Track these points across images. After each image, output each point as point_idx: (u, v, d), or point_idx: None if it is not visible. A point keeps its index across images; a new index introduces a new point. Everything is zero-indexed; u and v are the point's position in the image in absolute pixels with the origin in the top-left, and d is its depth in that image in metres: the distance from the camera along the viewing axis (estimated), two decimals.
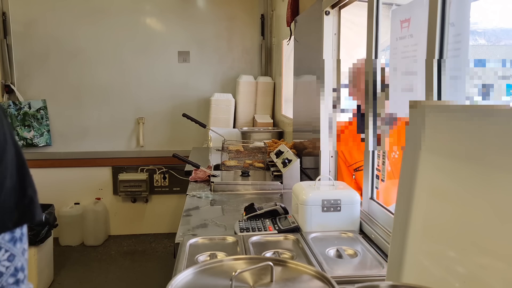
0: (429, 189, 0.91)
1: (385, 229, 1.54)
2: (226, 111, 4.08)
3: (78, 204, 4.40)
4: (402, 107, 1.45)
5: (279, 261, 0.83)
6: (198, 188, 2.42)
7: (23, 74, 4.21)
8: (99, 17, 4.29)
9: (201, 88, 4.49)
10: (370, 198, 1.75)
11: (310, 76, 2.41)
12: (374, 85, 1.64)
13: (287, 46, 3.44)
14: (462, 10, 1.14)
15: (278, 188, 2.39)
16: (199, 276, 0.79)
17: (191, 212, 2.02)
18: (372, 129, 1.68)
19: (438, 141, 0.89)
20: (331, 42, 2.16)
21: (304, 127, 2.59)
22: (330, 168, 2.21)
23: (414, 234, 0.94)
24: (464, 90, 1.15)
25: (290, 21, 2.88)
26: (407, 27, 1.39)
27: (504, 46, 1.52)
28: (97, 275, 3.75)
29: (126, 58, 4.37)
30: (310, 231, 1.61)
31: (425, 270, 0.90)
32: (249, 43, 4.51)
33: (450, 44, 1.16)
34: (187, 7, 4.41)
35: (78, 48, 4.28)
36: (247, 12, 4.48)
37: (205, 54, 4.47)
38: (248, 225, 1.69)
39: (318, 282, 0.77)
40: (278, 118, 4.03)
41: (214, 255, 1.42)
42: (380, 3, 1.64)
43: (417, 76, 1.31)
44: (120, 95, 4.42)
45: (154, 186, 4.55)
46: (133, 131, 4.51)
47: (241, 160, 2.79)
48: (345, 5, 2.07)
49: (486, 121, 0.77)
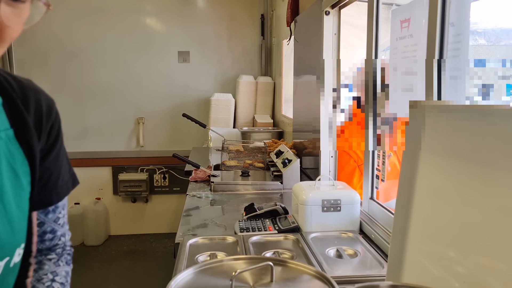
0: (429, 189, 0.91)
1: (385, 229, 1.54)
2: (226, 111, 4.08)
3: (78, 204, 4.40)
4: (402, 107, 1.45)
5: (279, 261, 0.83)
6: (198, 188, 2.42)
7: (23, 74, 4.16)
8: (99, 17, 4.29)
9: (201, 88, 4.49)
10: (370, 198, 1.75)
11: (310, 76, 2.41)
12: (374, 85, 1.64)
13: (287, 46, 3.44)
14: (462, 10, 1.14)
15: (278, 188, 2.39)
16: (199, 276, 0.79)
17: (191, 212, 2.02)
18: (372, 129, 1.68)
19: (438, 141, 0.89)
20: (331, 42, 2.16)
21: (304, 127, 2.59)
22: (330, 168, 2.21)
23: (414, 234, 0.94)
24: (464, 90, 1.15)
25: (290, 21, 2.88)
26: (407, 27, 1.39)
27: (504, 46, 1.52)
28: (97, 275, 3.76)
29: (126, 58, 4.37)
30: (310, 231, 1.61)
31: (425, 270, 0.90)
32: (249, 43, 4.51)
33: (450, 44, 1.16)
34: (187, 7, 4.41)
35: (78, 48, 4.28)
36: (247, 12, 4.48)
37: (205, 54, 4.47)
38: (248, 225, 1.69)
39: (318, 282, 0.77)
40: (278, 118, 4.03)
41: (214, 255, 1.42)
42: (380, 3, 1.64)
43: (417, 76, 1.31)
44: (120, 95, 4.42)
45: (154, 186, 4.55)
46: (133, 131, 4.51)
47: (241, 160, 2.79)
48: (345, 5, 2.07)
49: (486, 121, 0.77)
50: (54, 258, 0.92)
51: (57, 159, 0.89)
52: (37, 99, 0.84)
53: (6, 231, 0.74)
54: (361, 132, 1.83)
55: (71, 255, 0.97)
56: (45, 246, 0.91)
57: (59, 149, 0.89)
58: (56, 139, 0.88)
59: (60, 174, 0.90)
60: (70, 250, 0.97)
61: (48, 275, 0.88)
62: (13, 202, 0.76)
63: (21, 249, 0.79)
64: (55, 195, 0.89)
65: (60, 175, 0.90)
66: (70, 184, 0.93)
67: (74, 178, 0.94)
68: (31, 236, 0.88)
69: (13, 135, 0.78)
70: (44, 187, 0.86)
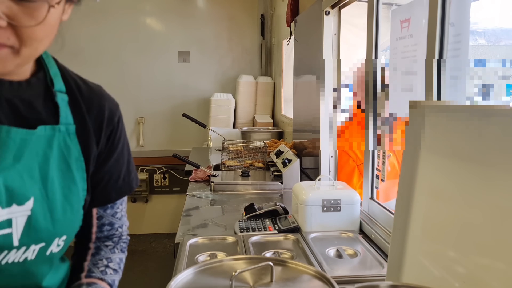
0: (429, 189, 0.91)
1: (385, 229, 1.54)
2: (226, 111, 4.08)
3: None
4: (402, 107, 1.45)
5: (279, 261, 0.83)
6: (198, 188, 2.42)
7: None
8: (99, 17, 4.29)
9: (201, 88, 4.49)
10: (370, 198, 1.75)
11: (310, 76, 2.41)
12: (374, 85, 1.64)
13: (287, 46, 3.44)
14: (462, 10, 1.14)
15: (278, 188, 2.39)
16: (199, 276, 0.79)
17: (191, 212, 2.02)
18: (372, 129, 1.68)
19: (438, 141, 0.89)
20: (331, 42, 2.16)
21: (304, 127, 2.59)
22: (330, 168, 2.21)
23: (414, 234, 0.94)
24: (464, 90, 1.15)
25: (290, 21, 2.88)
26: (407, 27, 1.39)
27: (504, 46, 1.52)
28: None
29: (126, 58, 4.37)
30: (310, 231, 1.61)
31: (425, 270, 0.90)
32: (249, 43, 4.51)
33: (450, 44, 1.16)
34: (187, 7, 4.41)
35: (78, 48, 4.28)
36: (247, 12, 4.48)
37: (205, 54, 4.47)
38: (248, 225, 1.69)
39: (318, 282, 0.77)
40: (278, 118, 4.03)
41: (214, 255, 1.42)
42: (380, 3, 1.64)
43: (417, 76, 1.31)
44: (120, 95, 4.38)
45: (154, 186, 4.55)
46: (133, 131, 4.50)
47: (241, 160, 2.79)
48: (345, 5, 2.07)
49: (486, 121, 0.77)
50: (110, 245, 0.99)
51: (118, 161, 0.94)
52: (101, 104, 0.90)
53: (45, 217, 0.78)
54: (361, 132, 1.83)
55: (126, 243, 1.04)
56: (103, 235, 0.99)
57: (120, 151, 0.95)
58: (117, 143, 0.94)
59: (121, 175, 0.96)
60: (126, 239, 1.04)
61: (103, 261, 0.96)
62: (59, 191, 0.80)
63: (61, 241, 0.82)
64: (114, 194, 0.96)
65: (121, 176, 0.96)
66: (130, 185, 0.98)
67: (134, 180, 1.00)
68: (90, 227, 0.96)
69: (74, 131, 0.84)
70: (105, 186, 0.93)
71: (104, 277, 0.93)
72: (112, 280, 0.94)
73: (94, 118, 0.88)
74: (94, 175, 0.90)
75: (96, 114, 0.89)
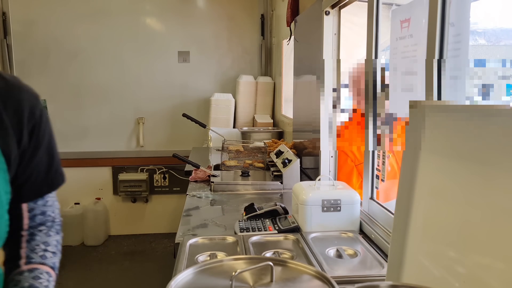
0: (429, 189, 0.91)
1: (385, 229, 1.54)
2: (226, 111, 4.08)
3: (78, 204, 4.40)
4: (402, 107, 1.45)
5: (279, 261, 0.83)
6: (198, 188, 2.42)
7: (23, 74, 4.20)
8: (99, 17, 4.29)
9: (201, 88, 4.49)
10: (370, 198, 1.75)
11: (310, 76, 2.41)
12: (374, 85, 1.64)
13: (287, 46, 3.44)
14: (462, 10, 1.14)
15: (278, 188, 2.39)
16: (199, 276, 0.79)
17: (191, 212, 2.02)
18: (372, 129, 1.68)
19: (438, 141, 0.89)
20: (331, 42, 2.15)
21: (304, 127, 2.59)
22: (330, 168, 2.21)
23: (414, 234, 0.94)
24: (464, 90, 1.15)
25: (290, 21, 2.88)
26: (407, 27, 1.39)
27: (504, 46, 1.52)
28: (97, 275, 3.76)
29: (126, 58, 4.37)
30: (310, 231, 1.61)
31: (425, 270, 0.90)
32: (249, 43, 4.51)
33: (450, 44, 1.16)
34: (187, 7, 4.41)
35: (78, 48, 4.28)
36: (247, 12, 4.48)
37: (205, 54, 4.47)
38: (248, 225, 1.69)
39: (318, 282, 0.77)
40: (278, 118, 4.03)
41: (214, 255, 1.42)
42: (380, 3, 1.64)
43: (417, 76, 1.31)
44: (120, 95, 4.42)
45: (154, 186, 4.55)
46: (133, 131, 4.50)
47: (241, 160, 2.79)
48: (345, 5, 2.07)
49: (486, 121, 0.77)
50: (44, 229, 0.97)
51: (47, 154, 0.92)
52: (19, 98, 0.85)
53: None
54: (361, 132, 1.83)
55: (60, 225, 1.02)
56: (36, 223, 0.96)
57: (47, 144, 0.92)
58: (42, 137, 0.90)
59: (52, 168, 0.94)
60: (59, 220, 1.02)
61: (40, 246, 0.94)
62: None
63: None
64: (46, 188, 0.95)
65: (52, 169, 0.94)
66: (62, 176, 0.99)
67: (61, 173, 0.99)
68: (21, 220, 0.93)
69: None
70: (34, 182, 0.91)
71: (45, 261, 0.92)
72: (53, 262, 0.94)
73: (12, 115, 0.82)
74: (21, 172, 0.87)
75: (14, 110, 0.83)
